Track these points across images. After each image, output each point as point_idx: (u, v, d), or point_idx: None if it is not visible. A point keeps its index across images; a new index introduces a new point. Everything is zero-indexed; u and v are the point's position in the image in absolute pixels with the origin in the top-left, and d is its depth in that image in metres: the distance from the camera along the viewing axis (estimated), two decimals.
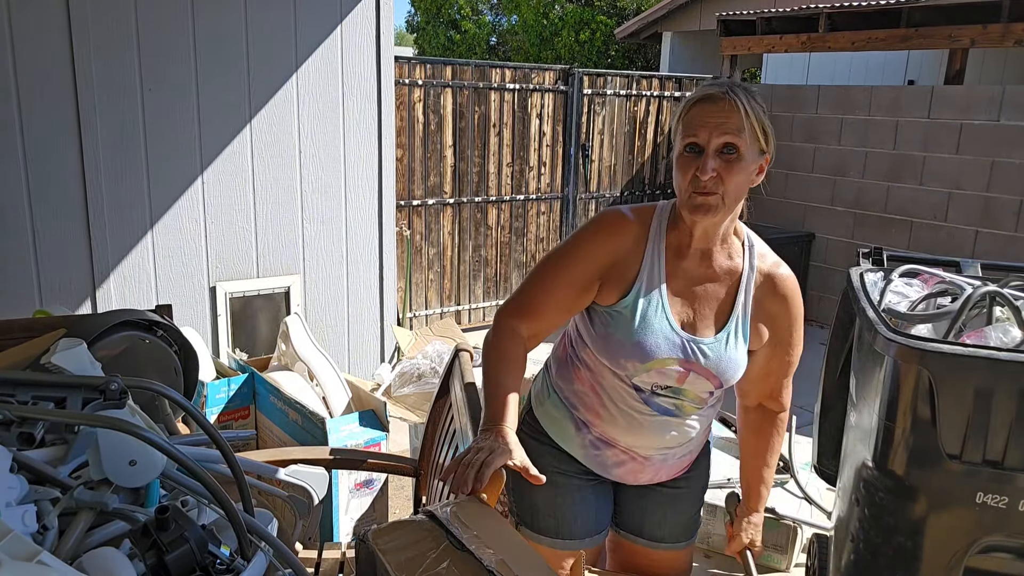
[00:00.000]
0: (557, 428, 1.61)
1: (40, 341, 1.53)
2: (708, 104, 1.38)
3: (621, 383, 1.51)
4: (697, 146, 1.39)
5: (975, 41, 5.44)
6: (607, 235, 1.49)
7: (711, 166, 1.37)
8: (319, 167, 3.74)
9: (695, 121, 1.39)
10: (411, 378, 3.22)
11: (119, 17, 3.10)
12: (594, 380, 1.55)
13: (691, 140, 1.39)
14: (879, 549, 1.84)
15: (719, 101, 1.38)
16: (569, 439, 1.60)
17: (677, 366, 1.48)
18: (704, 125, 1.37)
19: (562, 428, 1.60)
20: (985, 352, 1.66)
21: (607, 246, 1.48)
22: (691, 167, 1.39)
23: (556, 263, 1.50)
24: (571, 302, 1.50)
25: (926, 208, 5.59)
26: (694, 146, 1.39)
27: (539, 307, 1.50)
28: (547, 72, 5.67)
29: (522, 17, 14.82)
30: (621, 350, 1.46)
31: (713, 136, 1.37)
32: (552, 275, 1.49)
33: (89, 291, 3.26)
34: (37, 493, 0.97)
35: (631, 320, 1.45)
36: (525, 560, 1.01)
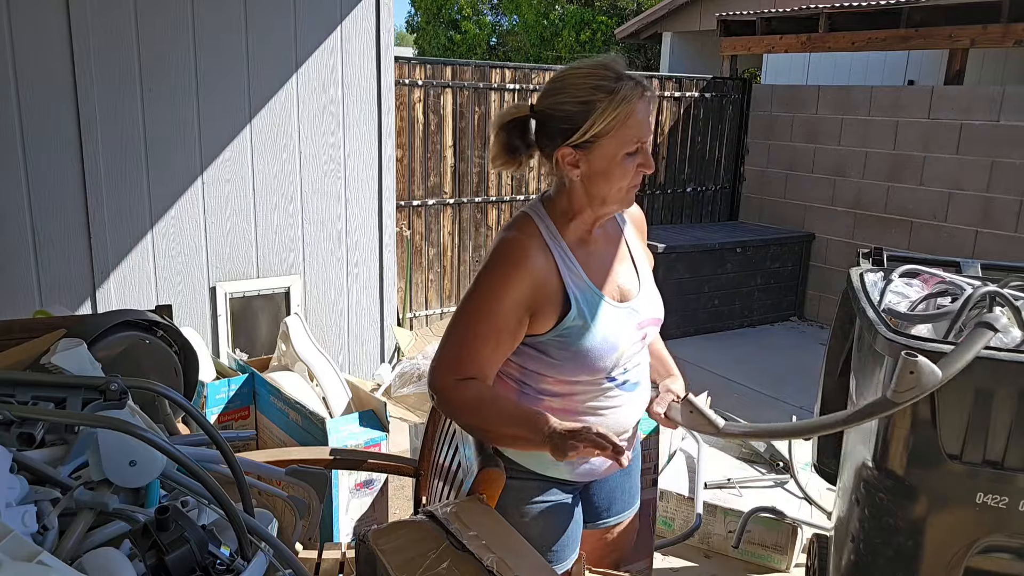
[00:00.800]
0: (537, 459, 1.51)
1: (40, 341, 1.52)
2: (642, 102, 1.36)
3: (595, 384, 1.49)
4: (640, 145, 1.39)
5: (975, 41, 5.44)
6: (517, 267, 1.40)
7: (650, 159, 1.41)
8: (319, 167, 3.74)
9: (641, 124, 1.37)
10: (411, 378, 3.22)
11: (119, 17, 3.11)
12: (565, 402, 1.49)
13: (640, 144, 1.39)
14: (879, 549, 1.84)
15: (645, 95, 1.37)
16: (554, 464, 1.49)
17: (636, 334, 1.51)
18: (647, 124, 1.38)
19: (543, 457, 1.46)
20: (985, 352, 1.66)
21: (523, 277, 1.40)
22: (632, 166, 1.39)
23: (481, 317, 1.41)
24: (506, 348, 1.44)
25: (926, 208, 5.60)
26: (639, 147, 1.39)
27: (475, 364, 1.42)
28: (547, 72, 5.67)
29: (522, 17, 14.83)
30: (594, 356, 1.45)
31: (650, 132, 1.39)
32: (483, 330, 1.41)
33: (89, 291, 3.26)
34: (37, 493, 0.97)
35: (586, 326, 1.43)
36: (525, 560, 1.01)
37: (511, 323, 1.41)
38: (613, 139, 1.36)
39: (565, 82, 1.39)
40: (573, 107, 1.36)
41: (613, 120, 1.34)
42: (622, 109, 1.34)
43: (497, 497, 1.31)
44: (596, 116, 1.34)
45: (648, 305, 1.54)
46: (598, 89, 1.34)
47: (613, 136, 1.36)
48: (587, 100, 1.35)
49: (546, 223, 1.46)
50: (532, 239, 1.43)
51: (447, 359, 1.44)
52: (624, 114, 1.34)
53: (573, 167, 1.40)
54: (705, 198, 6.82)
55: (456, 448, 1.56)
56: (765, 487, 3.01)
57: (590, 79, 1.36)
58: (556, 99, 1.39)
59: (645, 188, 6.40)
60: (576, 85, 1.37)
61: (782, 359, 5.27)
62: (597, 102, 1.34)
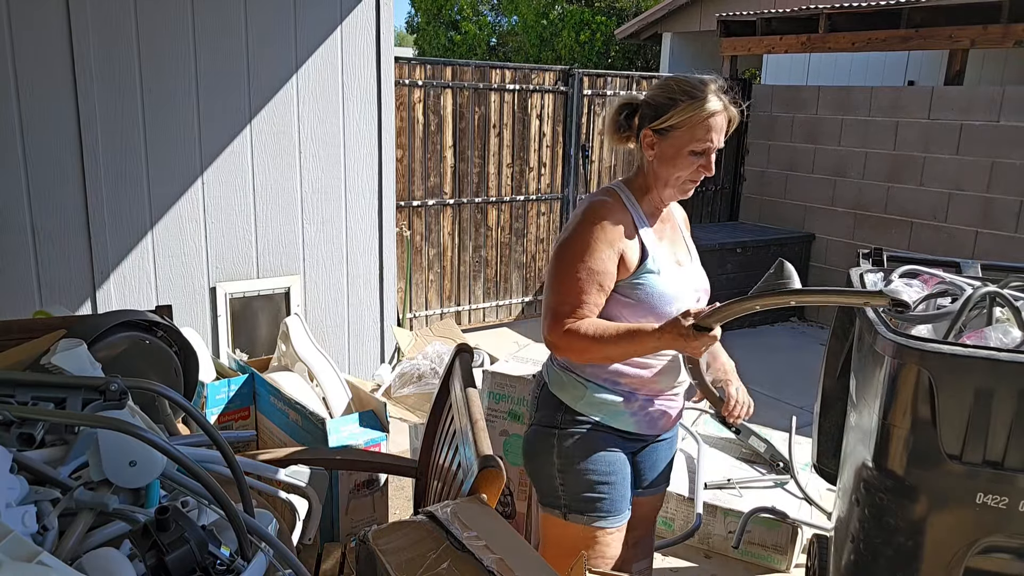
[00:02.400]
0: (606, 410, 1.75)
1: (40, 342, 1.53)
2: (719, 115, 1.65)
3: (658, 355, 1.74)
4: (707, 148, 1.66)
5: (975, 42, 5.44)
6: (607, 219, 1.67)
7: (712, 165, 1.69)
8: (319, 167, 3.74)
9: (714, 127, 1.65)
10: (411, 379, 3.22)
11: (119, 17, 3.10)
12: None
13: (706, 147, 1.66)
14: (879, 549, 1.84)
15: (724, 111, 1.66)
16: (619, 414, 1.75)
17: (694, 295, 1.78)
18: (719, 131, 1.66)
19: (611, 408, 1.75)
20: (985, 353, 1.66)
21: (611, 227, 1.67)
22: (694, 164, 1.67)
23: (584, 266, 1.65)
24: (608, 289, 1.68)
25: (926, 209, 5.60)
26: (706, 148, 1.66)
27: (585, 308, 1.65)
28: (547, 73, 5.67)
29: (522, 18, 14.82)
30: (664, 302, 1.69)
31: (719, 143, 1.68)
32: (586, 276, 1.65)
33: (89, 292, 3.26)
34: (37, 494, 0.98)
35: (659, 276, 1.70)
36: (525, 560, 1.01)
37: (610, 266, 1.66)
38: (684, 134, 1.65)
39: (667, 82, 1.71)
40: (663, 100, 1.68)
41: (686, 118, 1.64)
42: (696, 112, 1.64)
43: (497, 497, 1.31)
44: (675, 111, 1.65)
45: (700, 276, 1.85)
46: (685, 93, 1.65)
47: (684, 132, 1.65)
48: (674, 98, 1.66)
49: (626, 193, 1.76)
50: (617, 203, 1.73)
51: (560, 310, 1.66)
52: (697, 117, 1.64)
53: (649, 148, 1.70)
54: (705, 198, 6.82)
55: (456, 448, 1.56)
56: (765, 487, 3.01)
57: (684, 84, 1.67)
58: (656, 92, 1.71)
59: None
60: (672, 86, 1.68)
61: (782, 359, 5.27)
62: (680, 101, 1.65)
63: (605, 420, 1.75)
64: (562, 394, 1.77)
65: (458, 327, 3.94)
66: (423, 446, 1.90)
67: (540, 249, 5.94)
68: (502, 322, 5.87)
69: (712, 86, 1.68)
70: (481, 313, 5.75)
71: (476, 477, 1.27)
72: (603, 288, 1.66)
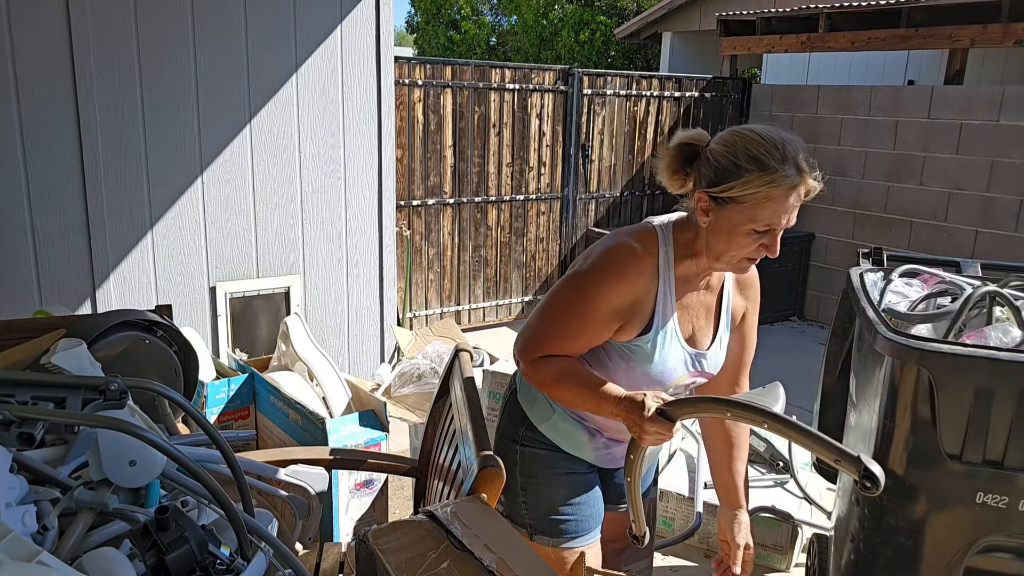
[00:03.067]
0: (568, 439, 1.65)
1: (40, 341, 1.53)
2: (792, 192, 1.37)
3: None
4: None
5: (975, 41, 5.44)
6: (625, 278, 1.48)
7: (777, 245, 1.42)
8: (319, 167, 3.74)
9: (779, 212, 1.38)
10: (411, 378, 3.22)
11: (119, 18, 3.10)
12: None
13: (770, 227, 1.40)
14: (879, 549, 1.84)
15: (799, 187, 1.37)
16: (581, 446, 1.65)
17: (687, 379, 1.59)
18: (786, 211, 1.38)
19: (573, 438, 1.65)
20: (985, 352, 1.66)
21: (627, 289, 1.48)
22: (754, 243, 1.41)
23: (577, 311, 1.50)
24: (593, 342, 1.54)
25: (926, 208, 5.60)
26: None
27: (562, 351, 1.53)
28: (547, 72, 5.67)
29: (522, 17, 14.82)
30: (643, 381, 1.53)
31: (789, 220, 1.40)
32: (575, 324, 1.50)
33: (89, 291, 3.26)
34: (37, 493, 0.98)
35: (651, 353, 1.52)
36: (525, 560, 1.01)
37: (603, 325, 1.50)
38: (745, 210, 1.38)
39: (739, 137, 1.41)
40: (727, 163, 1.39)
41: (751, 195, 1.37)
42: (764, 190, 1.36)
43: (497, 496, 1.31)
44: (738, 182, 1.37)
45: (709, 362, 1.61)
46: (755, 161, 1.37)
47: (746, 208, 1.38)
48: (739, 164, 1.37)
49: (667, 248, 1.51)
50: (649, 258, 1.49)
51: (537, 341, 1.54)
52: (764, 196, 1.36)
53: (703, 213, 1.44)
54: None
55: (456, 448, 1.56)
56: (765, 487, 3.01)
57: (757, 148, 1.38)
58: (723, 147, 1.41)
59: (645, 188, 6.40)
60: (742, 146, 1.39)
61: (782, 359, 5.27)
62: (745, 171, 1.37)
63: (565, 448, 1.66)
64: (529, 409, 1.68)
65: (458, 327, 3.94)
66: (423, 446, 1.90)
67: (540, 248, 5.94)
68: (502, 321, 5.87)
69: (791, 153, 1.38)
70: (481, 313, 5.75)
71: (476, 477, 1.27)
72: (590, 342, 1.54)
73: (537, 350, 1.54)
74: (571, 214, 6.01)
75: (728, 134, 1.43)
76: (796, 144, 1.40)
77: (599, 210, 6.18)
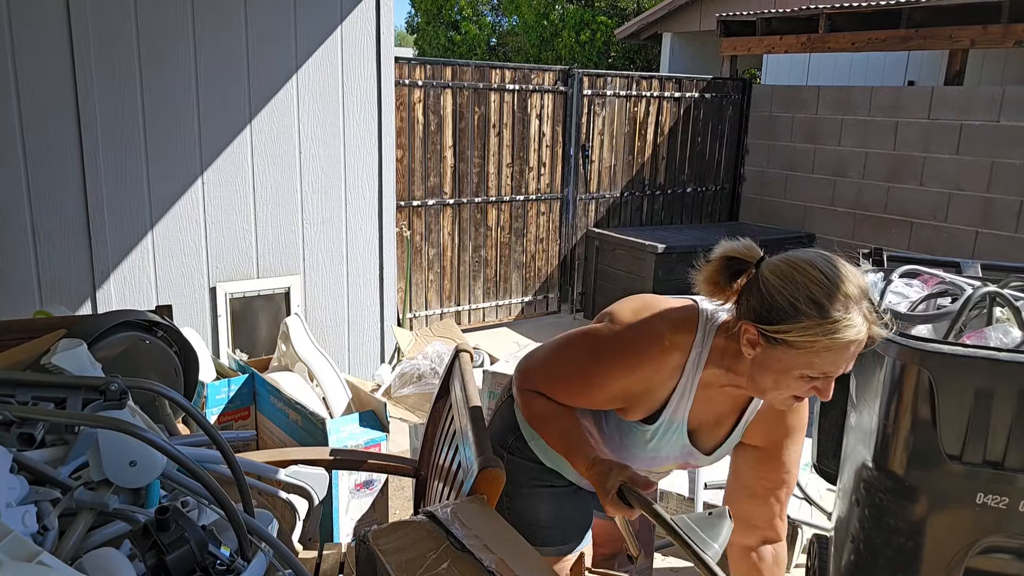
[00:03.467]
0: (553, 458, 1.61)
1: (40, 342, 1.53)
2: (854, 345, 1.23)
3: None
4: None
5: (975, 42, 5.44)
6: (643, 368, 1.38)
7: (831, 389, 1.29)
8: (319, 167, 3.74)
9: (838, 363, 1.24)
10: (411, 379, 3.22)
11: (119, 17, 3.10)
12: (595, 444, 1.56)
13: (826, 375, 1.27)
14: (879, 550, 1.84)
15: (859, 339, 1.22)
16: (566, 467, 1.59)
17: (676, 467, 1.57)
18: (842, 364, 1.25)
19: (558, 459, 1.59)
20: (985, 353, 1.66)
21: (642, 377, 1.39)
22: (805, 387, 1.28)
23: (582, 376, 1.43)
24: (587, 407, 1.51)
25: (926, 209, 5.59)
26: None
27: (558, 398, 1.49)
28: (547, 73, 5.67)
29: (522, 18, 14.82)
30: (632, 459, 1.49)
31: (851, 364, 1.27)
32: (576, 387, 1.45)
33: (89, 291, 3.26)
34: (37, 494, 0.98)
35: (649, 440, 1.47)
36: (525, 560, 1.01)
37: (604, 399, 1.45)
38: (800, 356, 1.24)
39: (799, 272, 1.25)
40: (782, 300, 1.24)
41: (807, 343, 1.22)
42: (822, 341, 1.21)
43: (497, 497, 1.30)
44: (795, 326, 1.22)
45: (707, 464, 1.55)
46: (816, 306, 1.21)
47: (801, 355, 1.24)
48: (798, 307, 1.22)
49: (702, 351, 1.37)
50: (677, 356, 1.38)
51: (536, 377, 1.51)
52: (822, 346, 1.22)
53: (750, 346, 1.30)
54: (705, 198, 6.82)
55: (456, 448, 1.56)
56: None
57: (818, 290, 1.22)
58: (780, 281, 1.25)
59: (646, 189, 6.40)
60: (803, 284, 1.23)
61: None
62: (804, 316, 1.22)
63: (549, 464, 1.61)
64: (523, 424, 1.63)
65: (458, 327, 3.94)
66: (423, 446, 1.90)
67: (540, 249, 5.94)
68: (502, 322, 5.87)
69: (856, 298, 1.22)
70: (481, 313, 5.75)
71: (476, 477, 1.27)
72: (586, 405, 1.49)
73: (533, 384, 1.51)
74: (571, 214, 6.01)
75: (785, 266, 1.27)
76: (859, 286, 1.24)
77: (599, 210, 6.18)
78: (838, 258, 1.28)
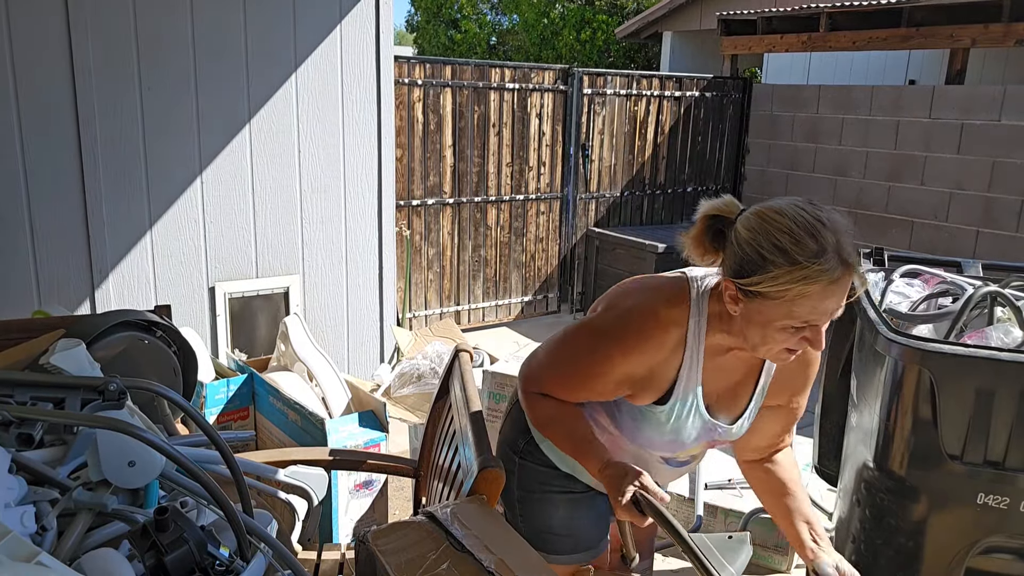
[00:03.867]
0: (568, 461, 1.56)
1: (39, 342, 1.52)
2: (833, 287, 1.18)
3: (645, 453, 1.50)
4: None
5: (976, 41, 5.44)
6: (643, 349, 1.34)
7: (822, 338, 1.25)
8: (318, 167, 3.73)
9: (818, 309, 1.20)
10: (411, 379, 3.22)
11: (118, 16, 3.10)
12: (613, 443, 1.51)
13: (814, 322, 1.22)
14: (880, 550, 1.84)
15: (841, 280, 1.19)
16: (580, 471, 1.54)
17: (703, 447, 1.52)
18: (825, 312, 1.21)
19: (572, 462, 1.55)
20: (986, 352, 1.65)
21: (643, 358, 1.35)
22: (794, 336, 1.24)
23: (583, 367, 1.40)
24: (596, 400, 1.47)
25: (927, 208, 5.59)
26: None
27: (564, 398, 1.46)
28: (547, 72, 5.66)
29: (522, 17, 14.81)
30: (651, 444, 1.46)
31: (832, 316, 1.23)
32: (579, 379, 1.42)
33: (88, 291, 3.26)
34: (36, 494, 0.97)
35: (665, 424, 1.42)
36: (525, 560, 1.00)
37: (609, 388, 1.41)
38: (778, 307, 1.21)
39: (767, 221, 1.22)
40: (752, 251, 1.21)
41: (779, 292, 1.19)
42: (796, 288, 1.17)
43: (497, 497, 1.30)
44: (766, 277, 1.19)
45: (733, 432, 1.48)
46: (782, 253, 1.18)
47: (778, 305, 1.20)
48: (767, 256, 1.19)
49: (700, 319, 1.34)
50: (676, 328, 1.34)
51: (538, 378, 1.47)
52: (796, 294, 1.18)
53: (732, 302, 1.28)
54: (706, 198, 6.81)
55: (456, 448, 1.55)
56: None
57: (785, 238, 1.18)
58: (747, 232, 1.23)
59: (646, 188, 6.40)
60: (769, 233, 1.20)
61: None
62: (772, 265, 1.18)
63: (563, 468, 1.57)
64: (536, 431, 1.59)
65: (458, 327, 3.94)
66: (423, 446, 1.90)
67: (539, 248, 5.94)
68: (501, 321, 5.86)
69: (829, 242, 1.18)
70: (480, 313, 5.75)
71: (476, 477, 1.27)
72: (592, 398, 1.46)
73: (537, 386, 1.48)
74: (571, 214, 6.00)
75: (755, 217, 1.24)
76: (836, 228, 1.20)
77: (599, 210, 6.18)
78: (813, 203, 1.24)
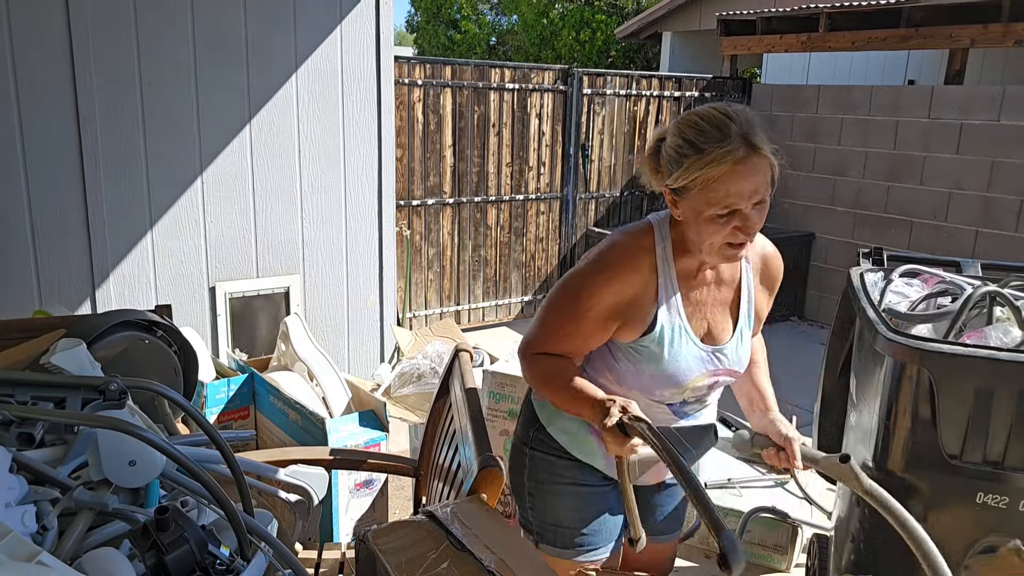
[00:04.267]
0: (577, 443, 1.57)
1: (39, 341, 1.52)
2: (740, 167, 1.27)
3: (653, 403, 1.51)
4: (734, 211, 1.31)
5: (975, 41, 5.44)
6: (619, 276, 1.42)
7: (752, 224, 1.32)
8: (319, 167, 3.73)
9: (731, 192, 1.28)
10: (411, 378, 3.22)
11: (118, 16, 3.10)
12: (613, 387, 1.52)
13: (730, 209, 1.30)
14: (879, 549, 1.84)
15: (747, 160, 1.28)
16: (591, 453, 1.56)
17: (707, 379, 1.50)
18: (740, 195, 1.29)
19: (582, 442, 1.56)
20: (985, 352, 1.65)
21: (620, 287, 1.41)
22: (726, 227, 1.32)
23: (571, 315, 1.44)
24: (590, 344, 1.49)
25: (926, 208, 5.59)
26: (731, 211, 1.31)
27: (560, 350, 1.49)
28: (547, 72, 5.66)
29: (522, 17, 14.81)
30: (654, 382, 1.47)
31: (751, 200, 1.31)
32: (569, 325, 1.45)
33: (88, 291, 3.26)
34: (37, 493, 0.97)
35: (660, 353, 1.44)
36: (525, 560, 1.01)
37: (598, 326, 1.44)
38: (698, 197, 1.32)
39: (680, 123, 1.34)
40: (672, 152, 1.34)
41: (694, 181, 1.30)
42: (704, 173, 1.28)
43: (497, 497, 1.31)
44: (681, 171, 1.32)
45: (731, 357, 1.51)
46: (691, 144, 1.30)
47: (698, 195, 1.31)
48: (680, 150, 1.32)
49: (664, 244, 1.44)
50: (644, 254, 1.43)
51: (534, 341, 1.50)
52: (707, 178, 1.28)
53: (673, 206, 1.39)
54: None
55: (456, 448, 1.56)
56: (765, 487, 3.01)
57: (692, 129, 1.31)
58: (669, 137, 1.36)
59: (646, 188, 6.39)
60: (682, 129, 1.33)
61: (782, 359, 5.26)
62: (685, 157, 1.31)
63: (575, 453, 1.57)
64: (540, 410, 1.62)
65: (458, 326, 3.94)
66: (423, 446, 1.90)
67: (539, 248, 5.94)
68: (501, 321, 5.87)
69: (735, 129, 1.28)
70: (480, 312, 5.75)
71: (476, 477, 1.27)
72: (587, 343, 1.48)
73: (533, 347, 1.50)
74: (571, 214, 6.01)
75: (673, 124, 1.37)
76: (744, 119, 1.30)
77: (599, 210, 6.18)
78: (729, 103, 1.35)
